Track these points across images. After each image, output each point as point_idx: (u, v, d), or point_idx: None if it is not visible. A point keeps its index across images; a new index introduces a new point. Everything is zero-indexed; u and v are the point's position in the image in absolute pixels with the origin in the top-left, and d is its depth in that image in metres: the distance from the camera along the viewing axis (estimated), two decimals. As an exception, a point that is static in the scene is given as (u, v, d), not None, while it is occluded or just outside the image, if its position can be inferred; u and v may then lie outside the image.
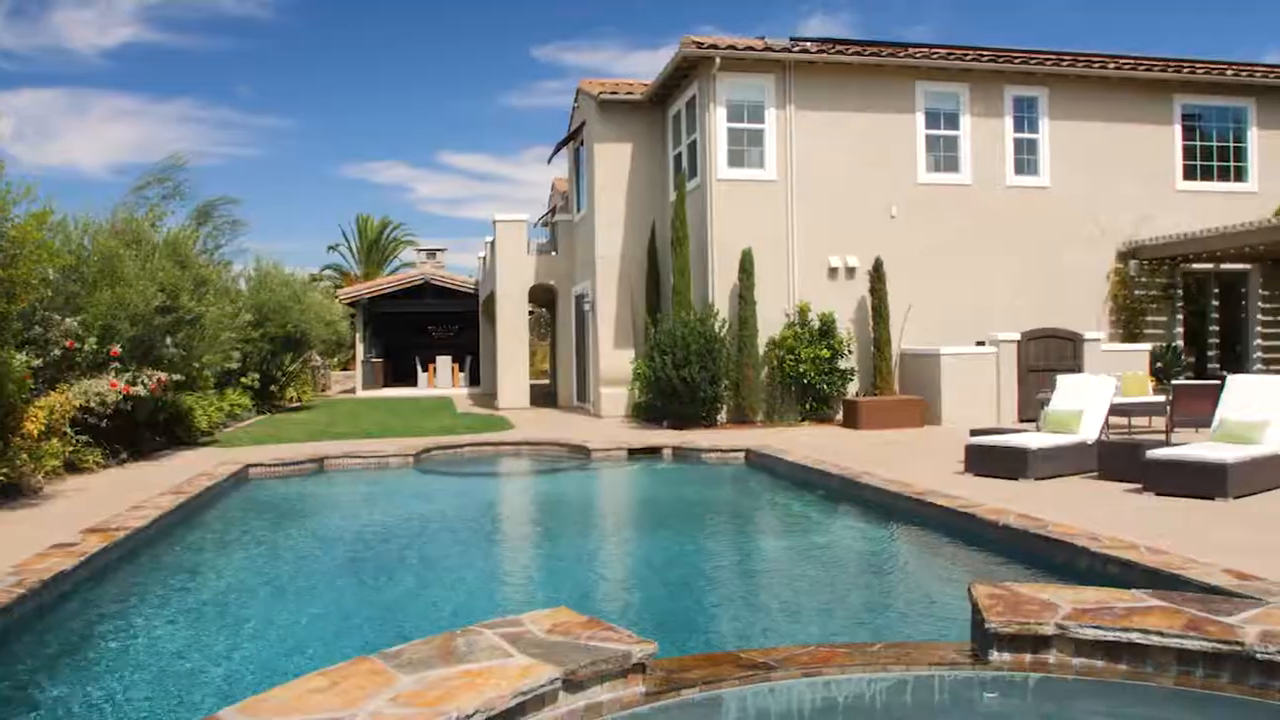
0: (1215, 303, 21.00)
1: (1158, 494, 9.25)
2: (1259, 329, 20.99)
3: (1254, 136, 20.74)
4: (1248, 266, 20.86)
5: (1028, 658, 3.62)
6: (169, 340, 13.88)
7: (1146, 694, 3.37)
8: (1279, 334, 21.09)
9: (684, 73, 19.08)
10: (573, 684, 3.12)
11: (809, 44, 18.53)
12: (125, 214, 14.52)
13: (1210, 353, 20.90)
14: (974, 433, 11.70)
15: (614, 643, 3.36)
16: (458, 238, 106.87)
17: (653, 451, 14.62)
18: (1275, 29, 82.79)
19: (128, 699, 4.83)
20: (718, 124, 18.22)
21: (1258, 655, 3.33)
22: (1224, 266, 20.73)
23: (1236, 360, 20.89)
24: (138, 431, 13.70)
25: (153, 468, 12.61)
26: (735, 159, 18.39)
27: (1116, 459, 10.36)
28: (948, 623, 6.09)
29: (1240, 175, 20.71)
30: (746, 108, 18.42)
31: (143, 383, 12.71)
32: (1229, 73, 20.31)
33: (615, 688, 3.22)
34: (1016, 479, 10.33)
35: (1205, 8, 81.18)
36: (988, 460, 10.76)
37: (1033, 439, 10.81)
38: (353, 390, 37.09)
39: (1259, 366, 20.56)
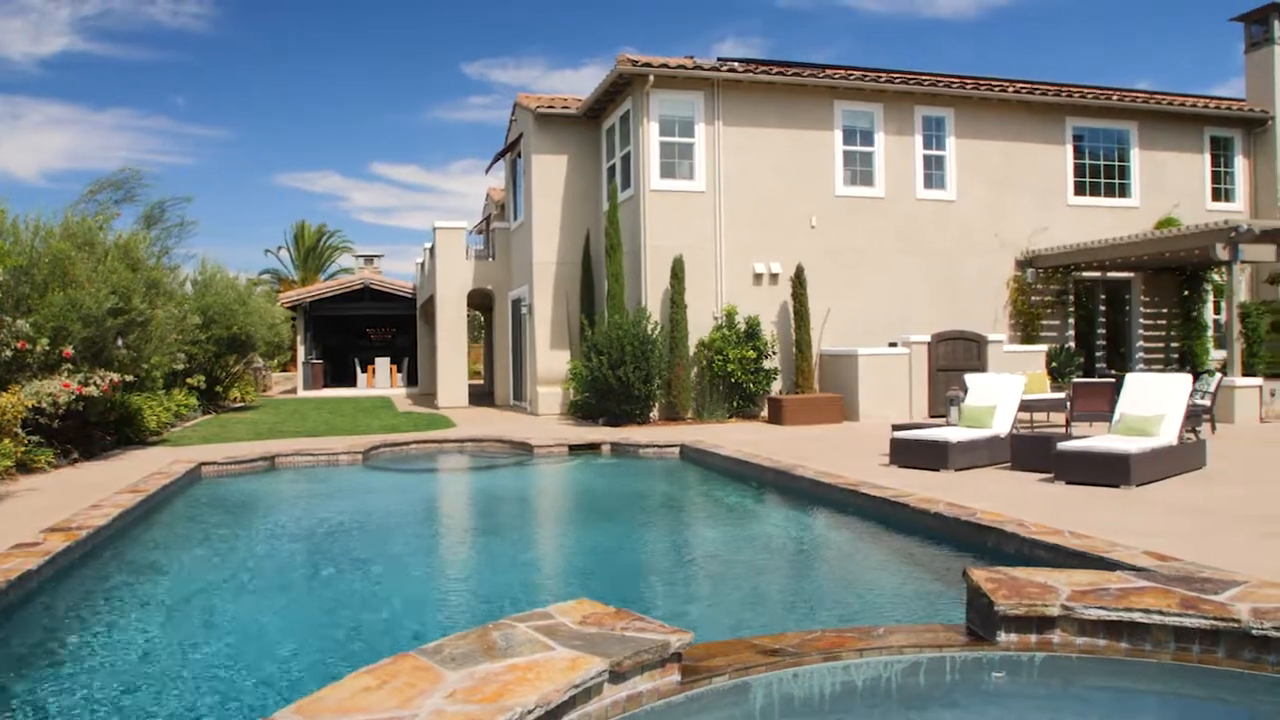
0: (1103, 308, 21.61)
1: (1068, 483, 9.44)
2: (1141, 331, 21.68)
3: (1136, 156, 21.41)
4: (1131, 275, 21.54)
5: (1033, 638, 3.60)
6: (120, 342, 13.33)
7: (1146, 670, 3.39)
8: (1158, 336, 21.81)
9: (618, 89, 19.00)
10: (617, 675, 2.99)
11: (735, 64, 18.59)
12: (79, 217, 13.87)
13: (1098, 353, 21.51)
14: (896, 428, 11.84)
15: (650, 633, 3.24)
16: (390, 244, 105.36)
17: (592, 447, 14.50)
18: (1146, 63, 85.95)
19: (101, 698, 4.57)
20: (650, 138, 18.18)
21: (1253, 631, 3.37)
22: (1110, 275, 21.36)
23: (1121, 360, 21.55)
24: (89, 431, 13.13)
25: (105, 467, 12.08)
26: (667, 171, 18.37)
27: (1028, 451, 10.57)
28: (902, 601, 6.12)
29: (1124, 191, 21.36)
30: (677, 123, 18.42)
31: (95, 384, 12.18)
32: (1114, 98, 20.97)
33: (654, 677, 3.10)
34: (938, 470, 10.46)
35: (1086, 42, 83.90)
36: (911, 453, 10.88)
37: (952, 433, 10.96)
38: (294, 391, 36.23)
39: (1141, 366, 21.23)
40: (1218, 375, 14.05)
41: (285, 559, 7.98)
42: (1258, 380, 16.25)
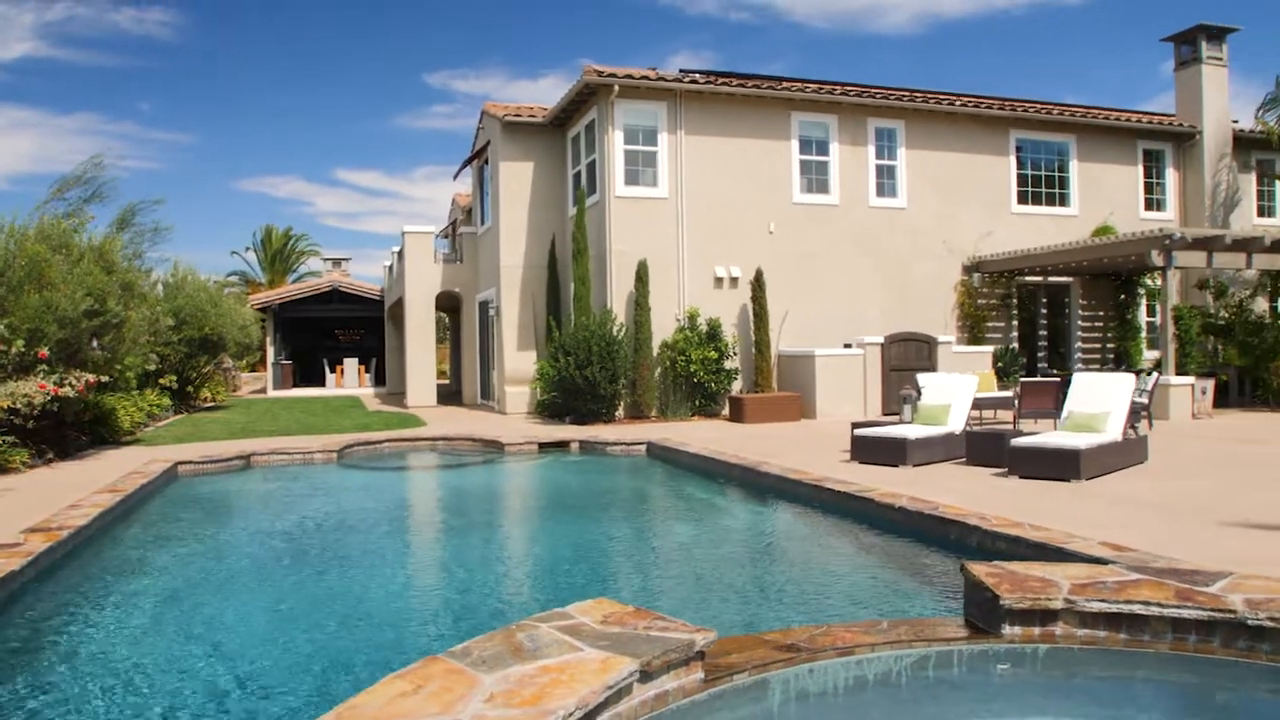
0: (1044, 311, 21.94)
1: (1021, 477, 9.54)
2: (1079, 333, 22.04)
3: (1074, 168, 21.77)
4: (1070, 280, 21.89)
5: (1036, 630, 3.60)
6: (95, 343, 13.00)
7: (1145, 659, 3.41)
8: (1095, 338, 22.19)
9: (584, 99, 18.92)
10: (646, 674, 2.90)
11: (697, 75, 18.61)
12: (52, 220, 13.49)
13: (1040, 354, 21.83)
14: (856, 425, 11.88)
15: (674, 632, 3.16)
16: (354, 248, 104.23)
17: (561, 445, 14.40)
18: (1078, 79, 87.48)
19: (89, 698, 4.42)
20: (616, 146, 18.13)
21: (1248, 621, 3.40)
22: (1051, 279, 21.69)
23: (1061, 360, 21.89)
24: (64, 432, 12.78)
25: (81, 467, 11.77)
26: (631, 178, 18.33)
27: (983, 447, 10.67)
28: (875, 591, 6.12)
29: (1064, 201, 21.70)
30: (641, 132, 18.38)
31: (70, 384, 11.86)
32: (1054, 112, 21.29)
33: (679, 675, 3.02)
34: (897, 466, 10.52)
35: (1021, 60, 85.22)
36: (871, 449, 10.94)
37: (910, 430, 11.03)
38: (263, 390, 35.67)
39: (1079, 365, 21.57)
40: (1155, 374, 14.31)
41: (269, 557, 7.80)
42: (1190, 379, 16.58)
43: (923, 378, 13.83)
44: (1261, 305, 21.30)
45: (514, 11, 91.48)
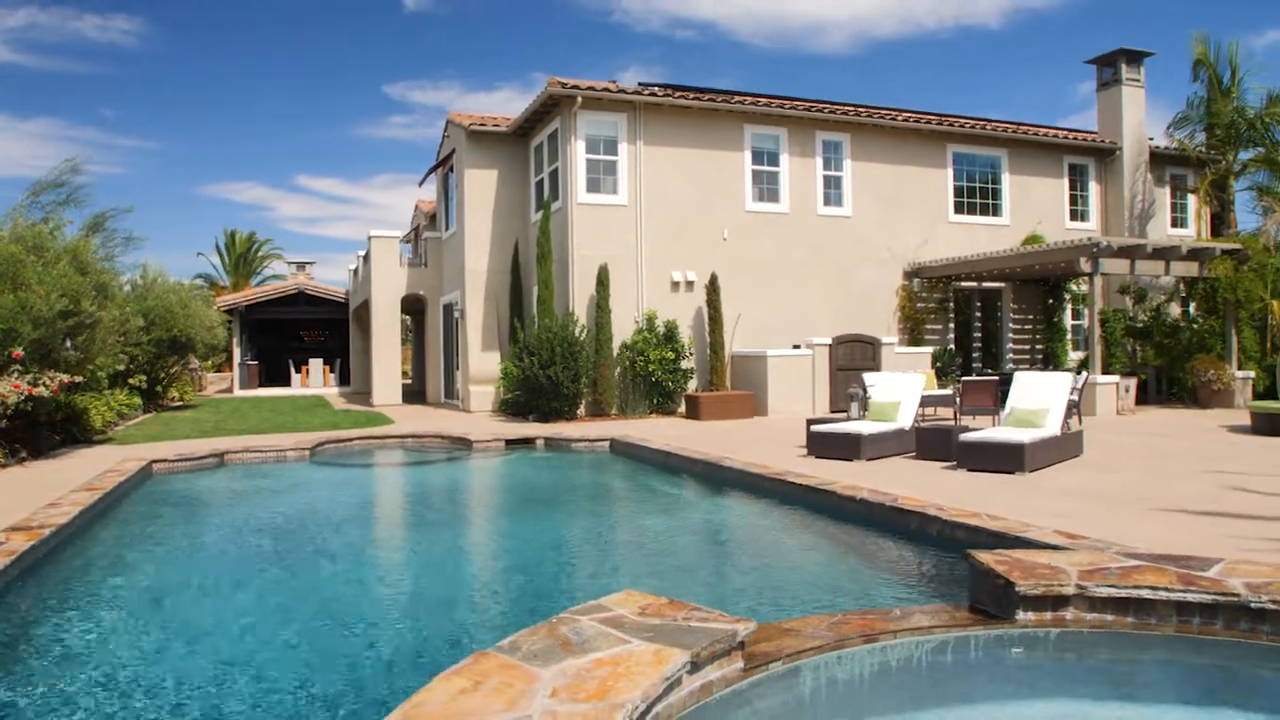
0: (978, 314, 22.27)
1: (969, 470, 9.65)
2: (1010, 335, 22.43)
3: (1006, 180, 22.14)
4: (1002, 285, 22.26)
5: (1049, 615, 3.60)
6: (69, 343, 12.56)
7: (1152, 642, 3.42)
8: (1025, 339, 22.59)
9: (547, 109, 18.78)
10: (694, 665, 2.84)
11: (656, 89, 18.57)
12: (27, 222, 13.01)
13: (975, 354, 22.16)
14: (812, 422, 11.91)
15: (714, 622, 3.09)
16: (316, 252, 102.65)
17: (527, 442, 14.26)
18: (1002, 97, 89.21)
19: (87, 698, 4.24)
20: (578, 155, 18.02)
21: (1251, 604, 3.43)
22: (985, 285, 22.03)
23: (994, 360, 22.25)
24: (37, 431, 12.33)
25: (56, 466, 11.36)
26: (593, 185, 18.23)
27: (931, 442, 10.77)
28: (847, 577, 6.11)
29: (997, 211, 22.06)
30: (602, 141, 18.29)
31: (44, 384, 11.44)
32: (987, 128, 21.63)
33: (721, 665, 2.95)
34: (851, 460, 10.57)
35: (951, 78, 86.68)
36: (827, 444, 10.98)
37: (864, 426, 11.10)
38: (229, 390, 34.89)
39: (1010, 365, 21.94)
40: (1084, 374, 14.57)
41: (250, 553, 7.58)
42: (1115, 378, 16.95)
43: (871, 377, 13.94)
44: (1176, 310, 21.86)
45: (469, 27, 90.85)
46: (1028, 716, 3.38)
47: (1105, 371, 18.67)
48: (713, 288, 18.35)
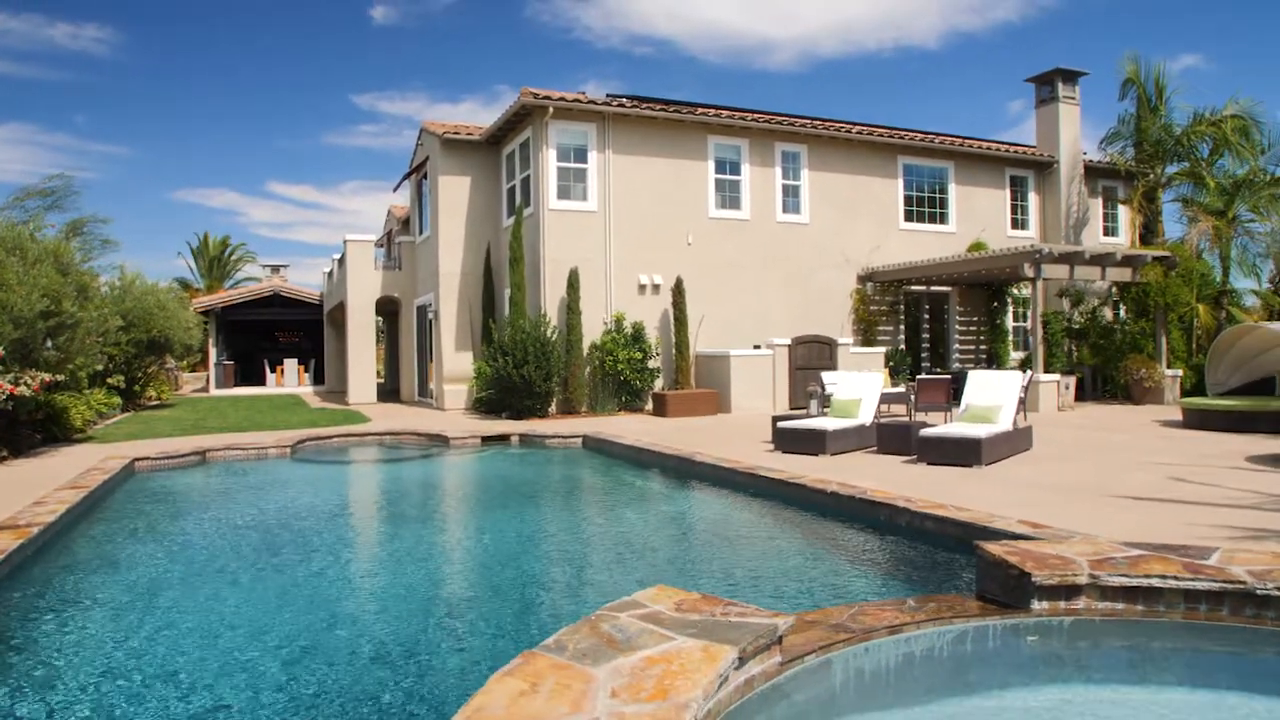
0: (927, 316, 22.48)
1: (929, 464, 9.68)
2: (957, 336, 22.67)
3: (953, 190, 22.38)
4: (949, 289, 22.49)
5: (1062, 604, 3.56)
6: (50, 343, 12.14)
7: (1161, 629, 3.41)
8: (970, 340, 22.85)
9: (519, 119, 18.61)
10: (741, 660, 2.73)
11: (624, 100, 18.48)
12: (7, 224, 12.55)
13: (924, 354, 22.37)
14: (777, 419, 11.89)
15: (754, 617, 2.97)
16: (287, 256, 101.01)
17: (502, 439, 14.10)
18: (944, 112, 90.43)
19: (82, 697, 4.05)
20: (549, 163, 17.87)
21: (1257, 591, 3.42)
22: (933, 288, 22.25)
23: (942, 360, 22.47)
24: (17, 430, 11.91)
25: (38, 464, 10.97)
26: (563, 192, 18.10)
27: (891, 437, 10.80)
28: (825, 566, 6.06)
29: (944, 219, 22.30)
30: (572, 150, 18.16)
31: (25, 384, 11.04)
32: (936, 141, 21.84)
33: (762, 660, 2.85)
34: (817, 455, 10.57)
35: (895, 94, 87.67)
36: (793, 440, 10.96)
37: (828, 422, 11.10)
38: (205, 389, 34.13)
39: (957, 365, 22.18)
40: (1028, 372, 14.75)
41: (239, 548, 7.34)
42: (1056, 376, 17.20)
43: (832, 376, 14.00)
44: (1109, 313, 22.26)
45: (436, 41, 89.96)
46: (1048, 701, 3.36)
47: (1047, 370, 18.96)
48: (678, 290, 18.30)
